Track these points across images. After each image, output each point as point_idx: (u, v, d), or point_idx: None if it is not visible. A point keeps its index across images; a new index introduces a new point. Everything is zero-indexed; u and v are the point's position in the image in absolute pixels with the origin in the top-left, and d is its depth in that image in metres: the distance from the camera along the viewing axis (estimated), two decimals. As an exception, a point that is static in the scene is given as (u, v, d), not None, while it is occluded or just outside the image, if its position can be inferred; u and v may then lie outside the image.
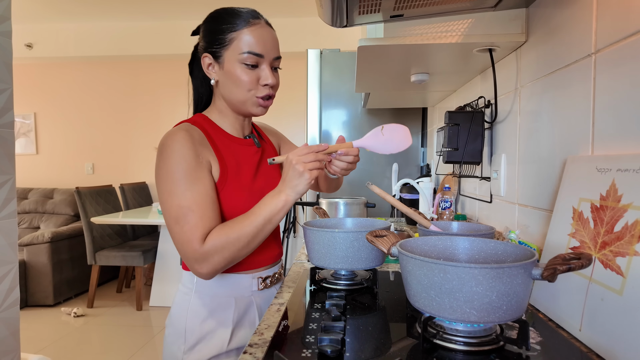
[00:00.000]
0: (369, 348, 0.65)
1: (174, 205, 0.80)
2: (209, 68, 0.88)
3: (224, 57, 0.85)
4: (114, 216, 3.23)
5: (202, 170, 0.83)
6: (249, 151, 0.95)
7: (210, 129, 0.91)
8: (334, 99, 2.60)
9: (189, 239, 0.78)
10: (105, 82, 4.35)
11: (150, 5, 3.62)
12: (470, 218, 1.61)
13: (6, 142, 1.01)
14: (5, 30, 1.00)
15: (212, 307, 0.90)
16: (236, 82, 0.86)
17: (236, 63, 0.85)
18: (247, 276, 0.93)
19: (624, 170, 0.65)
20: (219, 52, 0.86)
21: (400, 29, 1.11)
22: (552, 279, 0.56)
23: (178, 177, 0.80)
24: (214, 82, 0.89)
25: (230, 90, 0.87)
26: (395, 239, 0.73)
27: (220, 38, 0.85)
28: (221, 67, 0.86)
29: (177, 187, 0.80)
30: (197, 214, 0.79)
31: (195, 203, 0.80)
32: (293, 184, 0.79)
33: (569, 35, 0.87)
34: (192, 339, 0.88)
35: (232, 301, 0.91)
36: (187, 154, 0.81)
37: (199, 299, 0.90)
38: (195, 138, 0.85)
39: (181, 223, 0.79)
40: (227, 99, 0.89)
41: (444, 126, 1.42)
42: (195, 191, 0.80)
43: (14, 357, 1.04)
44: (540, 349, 0.64)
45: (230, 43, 0.84)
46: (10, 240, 1.03)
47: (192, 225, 0.79)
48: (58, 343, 2.70)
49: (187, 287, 0.92)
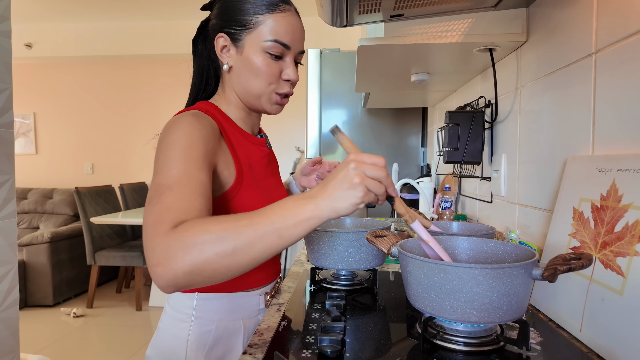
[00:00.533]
0: (369, 348, 0.65)
1: (155, 183, 0.61)
2: (222, 50, 0.76)
3: (244, 41, 0.74)
4: (113, 216, 3.23)
5: (205, 156, 0.66)
6: (261, 152, 0.84)
7: (224, 121, 0.78)
8: (334, 98, 2.60)
9: (155, 222, 0.55)
10: (104, 82, 4.35)
11: (150, 5, 3.61)
12: (470, 218, 1.61)
13: (5, 142, 1.01)
14: (4, 30, 1.00)
15: (218, 334, 0.77)
16: (255, 72, 0.74)
17: (258, 50, 0.73)
18: (254, 294, 0.82)
19: (624, 170, 0.65)
20: (239, 34, 0.74)
21: (400, 29, 1.11)
22: (552, 279, 0.56)
23: (171, 154, 0.63)
24: (227, 67, 0.76)
25: (247, 80, 0.75)
26: (396, 239, 0.73)
27: (243, 19, 0.73)
28: (239, 52, 0.74)
29: (166, 164, 0.62)
30: (176, 195, 0.58)
31: (177, 182, 0.60)
32: (335, 193, 0.52)
33: (569, 35, 0.87)
34: None
35: (239, 324, 0.80)
36: (191, 133, 0.66)
37: (200, 327, 0.76)
38: (211, 126, 0.71)
39: (153, 203, 0.58)
40: (240, 89, 0.77)
41: (444, 126, 1.42)
42: (184, 171, 0.61)
43: (13, 357, 1.04)
44: (540, 349, 0.64)
45: (254, 27, 0.73)
46: (10, 241, 1.03)
47: (163, 206, 0.57)
48: (57, 343, 2.70)
49: (184, 314, 0.77)
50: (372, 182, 0.52)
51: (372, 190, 0.53)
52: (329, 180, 0.54)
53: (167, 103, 4.29)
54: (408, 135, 2.61)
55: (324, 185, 0.54)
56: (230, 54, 0.76)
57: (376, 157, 0.54)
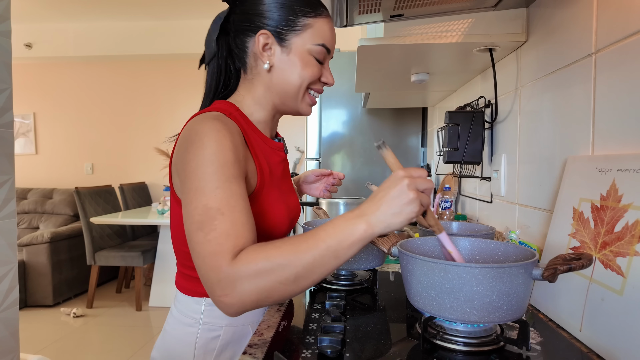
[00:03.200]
0: (369, 349, 0.65)
1: (200, 205, 0.60)
2: (263, 48, 0.73)
3: (290, 42, 0.72)
4: (113, 216, 3.23)
5: (239, 169, 0.65)
6: (278, 157, 0.82)
7: (246, 125, 0.76)
8: (334, 98, 2.60)
9: (215, 251, 0.57)
10: (104, 82, 4.35)
11: (150, 5, 3.61)
12: (470, 218, 1.61)
13: (5, 142, 1.01)
14: (4, 30, 1.00)
15: (226, 339, 0.76)
16: (300, 73, 0.73)
17: (305, 53, 0.73)
18: None
19: (624, 170, 0.65)
20: (285, 34, 0.72)
21: (400, 29, 1.11)
22: (552, 279, 0.56)
23: (210, 172, 0.61)
24: (267, 66, 0.73)
25: (289, 79, 0.74)
26: (396, 239, 0.73)
27: (292, 19, 0.72)
28: (285, 52, 0.73)
29: (207, 184, 0.61)
30: (229, 219, 0.59)
31: (228, 205, 0.60)
32: (391, 210, 0.55)
33: (569, 35, 0.87)
34: None
35: (247, 329, 0.79)
36: (224, 147, 0.63)
37: (208, 332, 0.75)
38: (233, 133, 0.67)
39: (206, 229, 0.58)
40: (279, 89, 0.75)
41: (444, 126, 1.42)
42: (229, 191, 0.61)
43: (13, 357, 1.04)
44: (540, 349, 0.64)
45: (303, 29, 0.72)
46: (10, 241, 1.03)
47: (220, 233, 0.58)
48: (57, 343, 2.70)
49: (192, 318, 0.76)
50: (424, 195, 0.56)
51: (423, 204, 0.56)
52: (381, 196, 0.56)
53: (167, 103, 4.29)
54: (408, 136, 2.61)
55: (376, 202, 0.56)
56: (273, 53, 0.73)
57: (421, 170, 0.58)
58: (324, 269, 0.56)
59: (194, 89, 4.27)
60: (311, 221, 1.05)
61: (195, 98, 4.27)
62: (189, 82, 4.27)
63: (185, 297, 0.77)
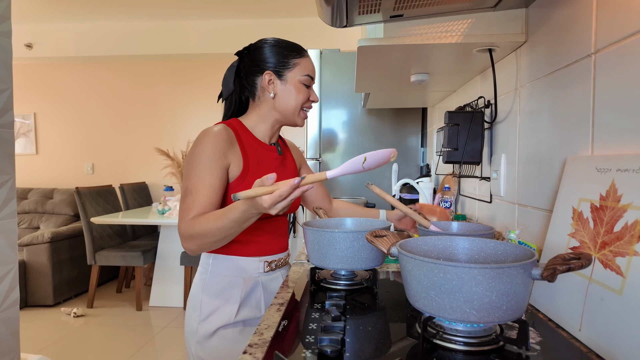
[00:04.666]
0: (369, 348, 0.65)
1: (184, 186, 0.96)
2: (268, 83, 1.04)
3: (286, 77, 1.04)
4: (113, 216, 3.23)
5: (219, 164, 0.97)
6: (271, 156, 1.09)
7: (242, 131, 1.06)
8: (334, 99, 2.60)
9: (181, 216, 0.94)
10: (105, 82, 4.35)
11: (150, 5, 3.62)
12: (470, 218, 1.61)
13: (6, 142, 1.01)
14: (5, 30, 1.00)
15: (223, 285, 1.04)
16: (296, 97, 1.05)
17: (297, 82, 1.05)
18: (255, 260, 1.06)
19: (623, 170, 0.65)
20: (283, 72, 1.04)
21: (400, 29, 1.11)
22: (551, 279, 0.56)
23: (196, 164, 0.95)
24: (272, 95, 1.04)
25: (288, 102, 1.05)
26: (395, 239, 0.73)
27: (285, 62, 1.04)
28: (284, 84, 1.04)
29: (192, 171, 0.95)
30: (193, 197, 0.94)
31: (195, 187, 0.94)
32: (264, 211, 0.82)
33: (569, 35, 0.87)
34: (206, 311, 1.03)
35: (240, 281, 1.05)
36: (211, 147, 0.96)
37: (213, 278, 1.05)
38: (224, 137, 0.99)
39: (181, 201, 0.95)
40: (282, 109, 1.06)
41: (443, 126, 1.42)
42: (201, 178, 0.94)
43: (13, 357, 1.04)
44: (540, 349, 0.64)
45: (294, 67, 1.04)
46: (10, 241, 1.03)
47: (186, 205, 0.94)
48: (58, 343, 2.70)
49: (204, 268, 1.07)
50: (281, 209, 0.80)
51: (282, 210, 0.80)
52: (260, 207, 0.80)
53: (167, 103, 4.29)
54: (408, 136, 2.61)
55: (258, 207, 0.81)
56: (275, 85, 1.05)
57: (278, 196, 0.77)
58: (234, 233, 0.89)
59: (194, 89, 4.27)
60: (310, 221, 1.05)
61: (195, 98, 4.27)
62: (189, 82, 4.27)
63: (203, 254, 1.09)
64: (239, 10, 3.70)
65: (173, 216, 3.16)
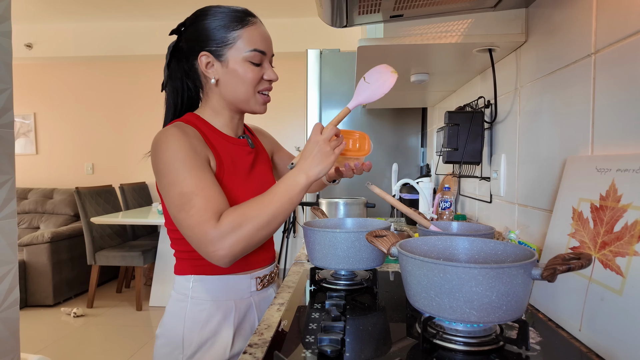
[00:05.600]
0: (369, 348, 0.65)
1: (176, 194, 0.74)
2: (207, 67, 0.85)
3: (227, 56, 0.83)
4: (113, 216, 3.23)
5: (200, 159, 0.79)
6: (243, 151, 0.93)
7: (204, 127, 0.88)
8: (333, 99, 2.60)
9: (199, 222, 0.72)
10: (105, 82, 4.35)
11: (150, 5, 3.62)
12: (470, 218, 1.61)
13: (6, 142, 1.01)
14: (5, 31, 1.00)
15: (211, 312, 0.86)
16: (242, 80, 0.84)
17: (241, 61, 0.83)
18: (246, 277, 0.90)
19: (623, 170, 0.65)
20: (220, 50, 0.83)
21: (400, 29, 1.11)
22: (551, 279, 0.56)
23: (176, 167, 0.76)
24: (214, 81, 0.85)
25: (235, 88, 0.85)
26: (395, 239, 0.73)
27: (221, 36, 0.82)
28: (224, 66, 0.84)
29: (176, 176, 0.75)
30: (203, 197, 0.74)
31: (198, 187, 0.75)
32: (316, 162, 0.76)
33: (569, 35, 0.87)
34: (191, 348, 0.84)
35: (231, 304, 0.88)
36: (182, 145, 0.78)
37: (196, 306, 0.86)
38: (189, 134, 0.81)
39: (186, 208, 0.73)
40: (230, 97, 0.87)
41: (443, 126, 1.42)
42: (195, 177, 0.76)
43: (13, 357, 1.04)
44: (540, 349, 0.64)
45: (234, 42, 0.83)
46: (10, 240, 1.03)
47: (199, 208, 0.73)
48: (58, 343, 2.70)
49: (182, 294, 0.87)
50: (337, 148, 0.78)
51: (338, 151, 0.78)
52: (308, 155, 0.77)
53: (167, 103, 4.29)
54: (408, 136, 2.61)
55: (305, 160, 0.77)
56: (215, 69, 0.85)
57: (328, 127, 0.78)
58: (285, 212, 0.76)
59: (194, 89, 4.27)
60: (311, 221, 1.05)
61: (195, 98, 4.27)
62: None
63: (178, 277, 0.89)
64: (239, 10, 3.70)
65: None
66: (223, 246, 0.71)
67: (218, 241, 0.71)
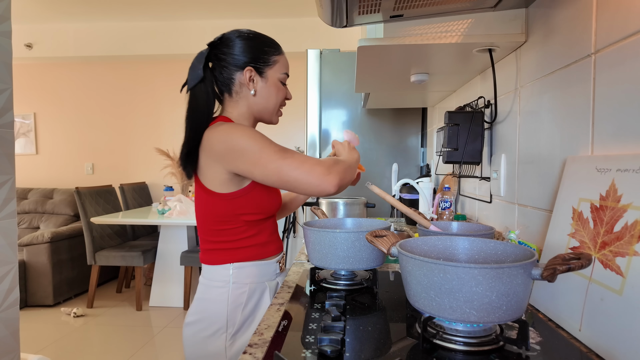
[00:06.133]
0: (369, 348, 0.65)
1: (271, 152, 0.87)
2: (249, 80, 0.99)
3: (267, 74, 1.00)
4: (113, 216, 3.23)
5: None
6: None
7: None
8: (333, 99, 2.60)
9: (306, 159, 0.87)
10: (105, 82, 4.35)
11: (150, 5, 3.62)
12: (470, 218, 1.61)
13: (6, 142, 1.01)
14: (5, 31, 1.00)
15: (250, 293, 0.99)
16: (276, 96, 1.03)
17: (276, 80, 1.02)
18: (273, 261, 1.04)
19: (623, 170, 0.65)
20: (263, 69, 1.00)
21: (400, 29, 1.11)
22: (551, 279, 0.56)
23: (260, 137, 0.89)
24: (253, 92, 1.00)
25: (268, 100, 1.02)
26: (395, 239, 0.73)
27: (266, 58, 1.00)
28: (264, 81, 1.01)
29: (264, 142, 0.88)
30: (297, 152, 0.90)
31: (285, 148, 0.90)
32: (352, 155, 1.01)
33: (569, 35, 0.87)
34: (235, 327, 0.97)
35: (265, 285, 1.02)
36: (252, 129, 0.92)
37: (237, 290, 0.98)
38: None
39: (289, 154, 0.88)
40: (260, 107, 1.02)
41: (443, 126, 1.42)
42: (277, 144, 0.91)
43: (13, 357, 1.04)
44: (540, 349, 0.64)
45: (273, 64, 1.01)
46: (10, 240, 1.03)
47: (299, 154, 0.88)
48: (58, 343, 2.70)
49: (221, 282, 0.98)
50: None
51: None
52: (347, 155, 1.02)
53: (167, 103, 4.29)
54: (408, 136, 2.61)
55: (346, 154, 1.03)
56: (256, 83, 1.00)
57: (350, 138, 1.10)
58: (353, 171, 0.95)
59: (194, 89, 4.27)
60: (311, 221, 1.05)
61: (195, 98, 4.27)
62: (189, 82, 4.27)
63: (213, 267, 0.99)
64: (239, 10, 3.70)
65: (173, 216, 3.16)
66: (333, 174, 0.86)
67: (328, 171, 0.86)
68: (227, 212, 0.95)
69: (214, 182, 0.93)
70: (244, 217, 0.96)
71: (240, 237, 0.98)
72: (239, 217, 0.96)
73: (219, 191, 0.94)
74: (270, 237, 1.04)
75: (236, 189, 0.94)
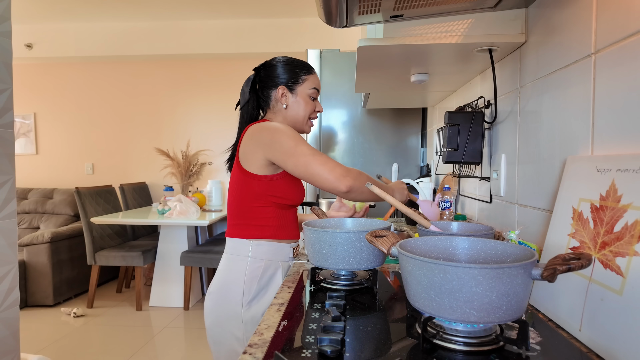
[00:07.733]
0: (369, 348, 0.65)
1: (305, 149, 1.05)
2: (281, 96, 1.20)
3: (297, 90, 1.20)
4: (113, 216, 3.23)
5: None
6: None
7: None
8: (334, 99, 2.60)
9: (331, 160, 1.04)
10: (105, 82, 4.35)
11: (150, 5, 3.62)
12: (470, 218, 1.61)
13: (6, 142, 1.01)
14: (5, 31, 1.00)
15: (265, 268, 1.14)
16: (305, 107, 1.21)
17: (306, 95, 1.21)
18: (288, 245, 1.18)
19: (623, 171, 0.65)
20: (294, 86, 1.20)
21: (400, 29, 1.11)
22: (551, 279, 0.56)
23: (298, 135, 1.08)
24: (285, 106, 1.20)
25: (298, 112, 1.21)
26: (395, 239, 0.73)
27: (297, 77, 1.20)
28: (294, 96, 1.21)
29: (299, 139, 1.07)
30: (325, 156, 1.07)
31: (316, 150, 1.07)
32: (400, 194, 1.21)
33: (569, 35, 0.87)
34: (252, 293, 1.11)
35: (278, 264, 1.16)
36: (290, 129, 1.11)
37: (255, 263, 1.13)
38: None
39: (317, 154, 1.05)
40: (291, 118, 1.21)
41: (444, 126, 1.42)
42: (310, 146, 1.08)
43: (13, 357, 1.04)
44: (540, 349, 0.64)
45: (303, 82, 1.21)
46: (10, 241, 1.03)
47: (327, 157, 1.06)
48: (58, 343, 2.70)
49: (243, 255, 1.14)
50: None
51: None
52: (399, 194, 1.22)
53: (167, 103, 4.29)
54: (408, 136, 2.61)
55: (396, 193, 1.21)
56: (287, 98, 1.21)
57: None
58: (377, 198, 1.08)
59: (194, 89, 4.27)
60: (310, 221, 1.05)
61: (195, 98, 4.27)
62: (189, 82, 4.27)
63: (237, 240, 1.16)
64: (239, 10, 3.71)
65: (173, 216, 3.16)
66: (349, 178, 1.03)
67: (346, 174, 1.03)
68: (260, 191, 1.12)
69: (253, 165, 1.11)
70: (272, 198, 1.13)
71: (265, 216, 1.14)
72: (269, 197, 1.12)
73: (257, 173, 1.11)
74: (290, 224, 1.19)
75: (270, 174, 1.12)
